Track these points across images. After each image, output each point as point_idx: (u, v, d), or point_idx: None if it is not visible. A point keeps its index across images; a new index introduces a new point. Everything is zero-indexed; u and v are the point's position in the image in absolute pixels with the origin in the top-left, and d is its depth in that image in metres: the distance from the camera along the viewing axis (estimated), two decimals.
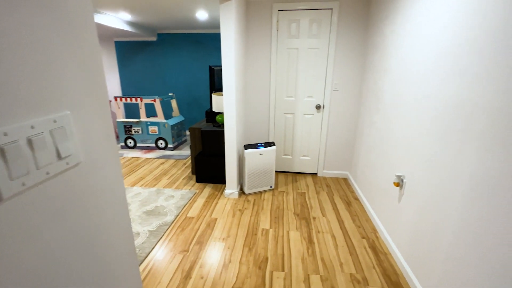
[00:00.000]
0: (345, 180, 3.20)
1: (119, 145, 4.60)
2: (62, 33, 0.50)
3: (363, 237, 2.09)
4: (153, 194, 2.78)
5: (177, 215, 2.39)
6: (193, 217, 2.36)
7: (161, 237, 2.07)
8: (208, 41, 4.76)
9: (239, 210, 2.50)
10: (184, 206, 2.56)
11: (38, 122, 0.45)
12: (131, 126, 4.28)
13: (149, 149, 4.37)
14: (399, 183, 1.78)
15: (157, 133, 4.27)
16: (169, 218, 2.33)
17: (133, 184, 3.05)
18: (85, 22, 0.55)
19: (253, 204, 2.60)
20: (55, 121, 0.48)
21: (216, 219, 2.34)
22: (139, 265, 1.78)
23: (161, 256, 1.87)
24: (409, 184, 1.69)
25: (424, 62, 1.58)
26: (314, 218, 2.37)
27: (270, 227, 2.22)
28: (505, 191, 0.96)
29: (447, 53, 1.35)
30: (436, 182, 1.39)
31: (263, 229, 2.19)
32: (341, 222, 2.30)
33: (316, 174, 3.36)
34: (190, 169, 3.52)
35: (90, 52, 0.57)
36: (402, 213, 1.77)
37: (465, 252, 1.16)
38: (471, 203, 1.14)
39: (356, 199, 2.73)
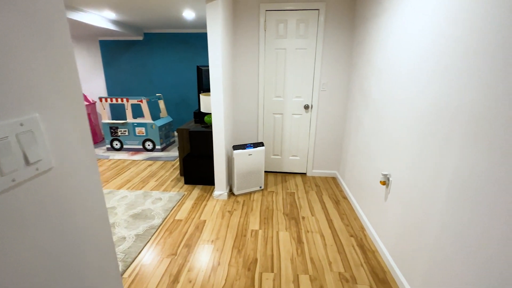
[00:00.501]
0: (334, 179, 3.23)
1: (105, 147, 4.48)
2: (30, 30, 0.47)
3: (351, 236, 2.11)
4: (140, 197, 2.72)
5: (165, 218, 2.34)
6: (181, 220, 2.32)
7: (148, 241, 2.03)
8: (196, 41, 4.71)
9: (228, 211, 2.47)
10: (172, 208, 2.51)
11: (2, 126, 0.42)
12: (117, 128, 4.18)
13: (136, 150, 4.28)
14: (385, 182, 1.81)
15: (144, 134, 4.19)
16: (157, 221, 2.28)
17: (120, 187, 2.97)
18: (55, 19, 0.52)
19: (243, 205, 2.59)
20: (22, 125, 0.45)
21: (205, 221, 2.31)
22: (125, 270, 1.73)
23: (148, 260, 1.82)
24: (394, 182, 1.71)
25: (409, 62, 1.61)
26: (303, 217, 2.38)
27: (260, 228, 2.21)
28: (487, 189, 0.99)
29: (430, 52, 1.38)
30: (421, 181, 1.42)
31: (252, 230, 2.18)
32: (330, 221, 2.32)
33: (305, 173, 3.38)
34: (178, 171, 3.46)
35: (61, 51, 0.54)
36: (388, 211, 1.80)
37: (449, 250, 1.19)
38: (454, 202, 1.16)
39: (345, 198, 2.76)
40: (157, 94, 4.58)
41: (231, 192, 2.85)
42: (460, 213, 1.12)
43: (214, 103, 2.45)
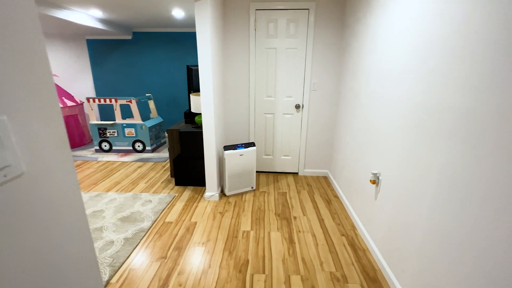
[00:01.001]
0: (326, 178, 3.25)
1: (93, 149, 4.38)
2: None
3: (343, 235, 2.12)
4: (129, 200, 2.66)
5: (155, 221, 2.30)
6: (171, 222, 2.29)
7: (137, 245, 1.98)
8: (186, 40, 4.66)
9: (220, 212, 2.45)
10: (163, 210, 2.47)
11: None
12: (105, 129, 4.09)
13: (126, 152, 4.20)
14: (375, 181, 1.82)
15: (134, 135, 4.11)
16: (146, 224, 2.24)
17: (108, 190, 2.91)
18: (24, 13, 0.49)
19: (234, 206, 2.56)
20: None
21: (195, 223, 2.28)
22: (113, 275, 1.69)
23: (137, 264, 1.78)
24: (384, 181, 1.73)
25: (397, 62, 1.62)
26: (295, 217, 2.37)
27: (251, 229, 2.19)
28: (474, 188, 1.00)
29: (417, 52, 1.40)
30: (410, 180, 1.43)
31: (244, 231, 2.16)
32: (321, 221, 2.32)
33: (297, 173, 3.38)
34: (169, 172, 3.41)
35: (32, 48, 0.51)
36: (379, 210, 1.81)
37: (437, 248, 1.20)
38: (442, 200, 1.17)
39: (336, 197, 2.77)
40: (146, 94, 4.50)
41: (222, 193, 2.83)
42: (448, 212, 1.13)
43: (204, 103, 2.42)
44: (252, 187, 2.88)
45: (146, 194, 2.79)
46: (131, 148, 4.18)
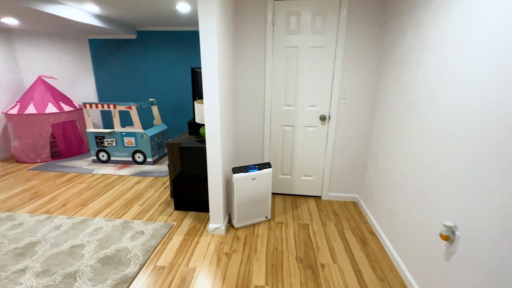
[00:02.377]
0: (355, 204, 2.68)
1: (90, 159, 3.99)
2: None
3: None
4: (117, 229, 2.20)
5: (143, 264, 1.82)
6: (164, 267, 1.80)
7: None
8: (194, 40, 4.21)
9: (226, 253, 1.94)
10: (155, 247, 1.99)
11: None
12: (103, 137, 3.69)
13: (125, 163, 3.78)
14: (448, 237, 1.26)
15: (133, 145, 3.69)
16: (132, 269, 1.76)
17: (96, 214, 2.46)
18: None
19: (244, 244, 2.05)
20: None
21: (194, 269, 1.78)
22: None
23: None
24: (466, 241, 1.16)
25: (475, 65, 1.06)
26: (322, 265, 1.83)
27: (266, 284, 1.67)
28: None
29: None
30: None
31: (256, 287, 1.64)
32: (357, 272, 1.77)
33: (320, 197, 2.83)
34: (169, 191, 2.94)
35: None
36: (452, 277, 1.25)
37: None
38: None
39: (372, 233, 2.20)
40: (150, 99, 4.08)
41: (230, 224, 2.32)
42: None
43: (208, 115, 1.93)
44: (266, 217, 2.36)
45: (138, 221, 2.33)
46: (130, 159, 3.75)
